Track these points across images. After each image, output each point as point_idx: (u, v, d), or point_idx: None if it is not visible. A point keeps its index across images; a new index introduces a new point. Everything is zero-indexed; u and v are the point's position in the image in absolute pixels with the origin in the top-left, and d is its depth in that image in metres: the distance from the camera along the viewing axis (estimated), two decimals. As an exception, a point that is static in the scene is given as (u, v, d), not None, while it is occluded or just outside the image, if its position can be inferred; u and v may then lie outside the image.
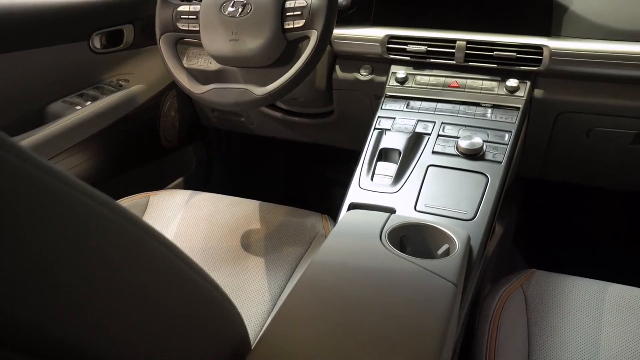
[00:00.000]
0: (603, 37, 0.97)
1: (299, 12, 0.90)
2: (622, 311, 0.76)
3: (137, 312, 0.32)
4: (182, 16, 0.99)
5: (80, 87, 1.21)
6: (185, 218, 1.04)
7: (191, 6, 0.99)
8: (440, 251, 0.71)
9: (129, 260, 0.32)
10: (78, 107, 1.16)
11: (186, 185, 1.55)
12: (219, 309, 0.42)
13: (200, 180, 1.65)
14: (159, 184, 1.47)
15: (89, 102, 1.18)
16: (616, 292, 0.80)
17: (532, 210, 1.53)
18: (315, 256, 0.65)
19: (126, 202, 1.09)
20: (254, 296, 0.85)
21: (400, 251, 0.66)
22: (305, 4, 0.90)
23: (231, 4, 0.94)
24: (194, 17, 0.98)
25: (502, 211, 0.91)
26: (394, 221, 0.73)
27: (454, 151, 0.92)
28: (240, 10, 0.94)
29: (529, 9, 1.01)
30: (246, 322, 0.47)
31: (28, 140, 1.05)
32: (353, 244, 0.68)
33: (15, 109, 1.10)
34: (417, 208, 0.84)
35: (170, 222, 1.04)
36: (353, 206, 0.87)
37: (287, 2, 0.92)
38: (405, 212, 0.83)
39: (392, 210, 0.84)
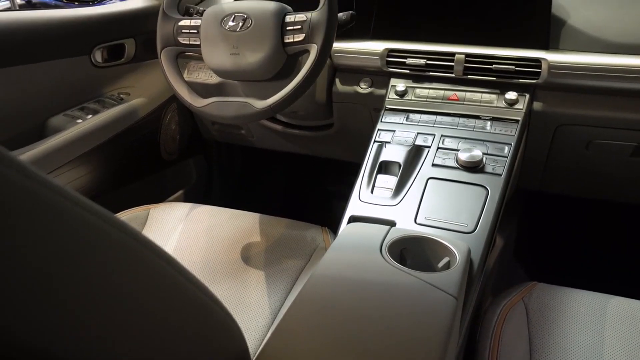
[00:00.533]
0: (601, 50, 0.97)
1: (299, 27, 0.91)
2: (624, 324, 0.76)
3: (136, 327, 0.32)
4: (183, 30, 1.00)
5: (82, 100, 1.22)
6: (185, 231, 1.04)
7: (192, 21, 0.99)
8: (440, 264, 0.71)
9: (129, 275, 0.32)
10: (79, 121, 1.16)
11: (186, 198, 1.55)
12: (218, 324, 0.42)
13: (201, 193, 1.65)
14: (160, 197, 1.47)
15: (90, 116, 1.19)
16: (618, 305, 0.79)
17: (533, 223, 1.53)
18: (315, 269, 0.65)
19: (126, 215, 1.09)
20: (254, 309, 0.85)
21: (401, 264, 0.66)
22: (305, 19, 0.91)
23: (232, 19, 0.95)
24: (195, 31, 0.99)
25: (502, 224, 0.91)
26: (394, 234, 0.73)
27: (454, 164, 0.92)
28: (240, 24, 0.94)
29: (527, 23, 1.02)
30: (246, 336, 0.47)
31: (29, 153, 1.06)
32: (353, 257, 0.68)
33: (16, 123, 1.10)
34: (418, 221, 0.84)
35: (170, 235, 1.04)
36: (353, 219, 0.87)
37: (287, 17, 0.93)
38: (406, 225, 0.83)
39: (392, 223, 0.84)
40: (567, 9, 1.02)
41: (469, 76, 1.03)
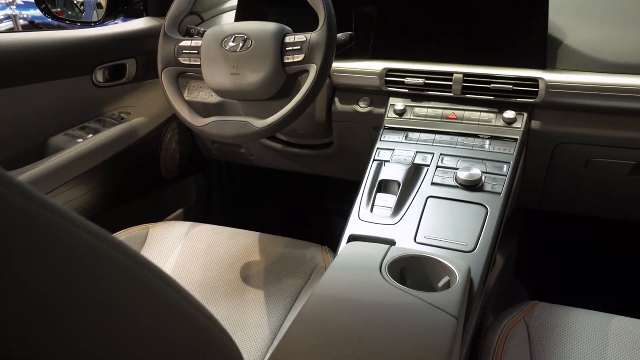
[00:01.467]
0: (597, 69, 0.98)
1: (299, 47, 0.92)
2: (626, 343, 0.75)
3: (133, 347, 0.32)
4: (183, 51, 1.01)
5: (82, 120, 1.23)
6: (184, 250, 1.04)
7: (193, 41, 1.00)
8: (440, 283, 0.70)
9: (126, 295, 0.32)
10: (80, 140, 1.17)
11: (186, 217, 1.55)
12: (217, 344, 0.41)
13: (200, 212, 1.65)
14: (159, 216, 1.47)
15: (91, 135, 1.19)
16: (619, 324, 0.79)
17: (533, 241, 1.53)
18: (315, 289, 0.65)
19: (125, 234, 1.09)
20: (253, 330, 0.84)
21: (401, 284, 0.66)
22: (304, 39, 0.92)
23: (232, 39, 0.96)
24: (196, 51, 1.00)
25: (502, 242, 0.91)
26: (393, 253, 0.73)
27: (453, 182, 0.92)
28: (241, 45, 0.95)
29: (524, 42, 1.03)
30: (245, 357, 0.47)
31: (29, 172, 1.06)
32: (353, 276, 0.68)
33: (17, 142, 1.11)
34: (417, 240, 0.84)
35: (169, 254, 1.04)
36: (353, 238, 0.87)
37: (286, 37, 0.94)
38: (405, 244, 0.83)
39: (391, 242, 0.83)
40: (564, 29, 1.04)
41: (467, 95, 1.04)
